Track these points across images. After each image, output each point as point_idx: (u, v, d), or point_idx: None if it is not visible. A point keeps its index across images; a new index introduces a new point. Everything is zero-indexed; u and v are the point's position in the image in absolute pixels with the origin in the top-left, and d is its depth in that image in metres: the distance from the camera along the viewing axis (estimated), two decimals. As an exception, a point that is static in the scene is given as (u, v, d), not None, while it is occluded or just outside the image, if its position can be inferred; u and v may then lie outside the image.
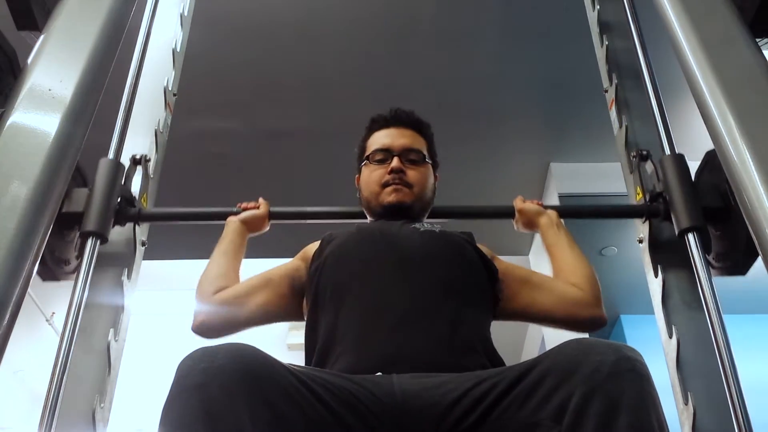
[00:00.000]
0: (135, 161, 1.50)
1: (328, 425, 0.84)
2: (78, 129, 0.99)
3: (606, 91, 1.73)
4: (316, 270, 1.22)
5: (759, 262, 0.86)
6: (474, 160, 3.28)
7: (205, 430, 0.74)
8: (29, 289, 0.84)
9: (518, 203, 1.47)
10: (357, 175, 1.45)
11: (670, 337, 1.29)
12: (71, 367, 1.10)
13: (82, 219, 1.29)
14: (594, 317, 1.24)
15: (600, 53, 1.79)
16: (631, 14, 1.63)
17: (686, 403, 1.20)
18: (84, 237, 1.27)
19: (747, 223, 0.88)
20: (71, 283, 1.22)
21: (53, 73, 1.02)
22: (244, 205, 1.46)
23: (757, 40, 1.08)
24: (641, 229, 1.46)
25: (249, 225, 1.42)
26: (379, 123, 1.43)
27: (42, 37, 1.09)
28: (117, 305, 1.35)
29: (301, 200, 1.54)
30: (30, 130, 0.93)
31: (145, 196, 1.51)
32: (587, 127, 3.07)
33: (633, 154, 1.51)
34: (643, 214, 1.43)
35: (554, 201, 3.33)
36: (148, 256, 1.50)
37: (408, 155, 1.36)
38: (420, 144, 1.40)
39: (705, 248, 1.25)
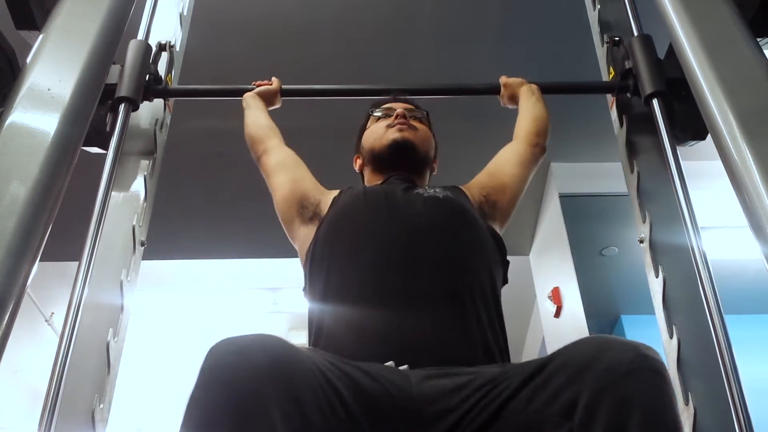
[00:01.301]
0: (161, 47, 1.64)
1: (347, 430, 0.83)
2: (77, 128, 0.99)
3: (606, 91, 1.73)
4: (317, 232, 1.23)
5: (759, 262, 0.86)
6: (474, 160, 3.27)
7: (235, 427, 0.71)
8: (29, 290, 0.84)
9: (503, 79, 1.65)
10: (356, 155, 1.48)
11: (671, 337, 1.29)
12: (71, 367, 1.10)
13: (115, 89, 1.43)
14: (535, 145, 1.50)
15: (600, 53, 1.79)
16: (632, 13, 1.63)
17: (687, 404, 1.20)
18: (117, 103, 1.42)
19: (747, 221, 0.89)
20: (71, 282, 1.21)
21: (52, 72, 1.02)
22: (258, 82, 1.64)
23: (758, 39, 1.08)
24: (642, 228, 1.46)
25: (263, 98, 1.61)
26: (380, 102, 1.51)
27: (41, 36, 1.09)
28: (116, 305, 1.34)
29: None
30: (29, 130, 0.93)
31: (170, 77, 1.66)
32: (587, 127, 3.07)
33: (606, 39, 1.66)
34: (614, 89, 1.58)
35: (555, 201, 3.33)
36: (148, 256, 1.50)
37: (411, 112, 1.44)
38: (421, 110, 1.49)
39: (669, 117, 1.37)
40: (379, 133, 1.39)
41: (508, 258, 1.30)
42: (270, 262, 3.87)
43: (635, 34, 1.55)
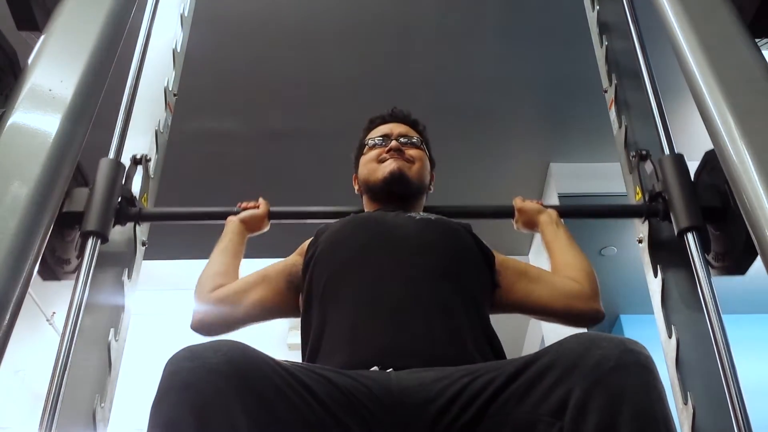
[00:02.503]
0: (135, 161, 1.50)
1: (324, 424, 0.83)
2: (78, 129, 0.99)
3: (605, 92, 1.73)
4: (310, 260, 1.22)
5: (758, 261, 0.87)
6: (474, 160, 3.28)
7: (196, 429, 0.72)
8: (30, 289, 0.84)
9: (518, 202, 1.48)
10: (354, 174, 1.46)
11: (670, 337, 1.29)
12: (72, 367, 1.10)
13: (82, 219, 1.28)
14: (592, 310, 1.24)
15: (599, 53, 1.79)
16: (631, 14, 1.63)
17: (686, 403, 1.20)
18: (85, 236, 1.27)
19: (746, 222, 0.89)
20: (72, 282, 1.22)
21: (54, 73, 1.02)
22: (244, 204, 1.46)
23: (757, 40, 1.08)
24: (641, 229, 1.46)
25: (249, 224, 1.43)
26: (376, 121, 1.47)
27: (42, 37, 1.09)
28: (117, 305, 1.35)
29: (301, 200, 1.54)
30: (30, 131, 0.93)
31: (145, 196, 1.51)
32: (587, 127, 3.08)
33: (633, 154, 1.51)
34: (642, 214, 1.43)
35: (554, 201, 3.33)
36: (148, 256, 1.50)
37: (405, 141, 1.40)
38: (417, 135, 1.44)
39: (704, 248, 1.26)
40: (372, 165, 1.37)
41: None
42: (270, 262, 3.87)
43: (665, 151, 1.40)
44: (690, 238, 1.26)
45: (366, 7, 2.70)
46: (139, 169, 1.50)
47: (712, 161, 1.32)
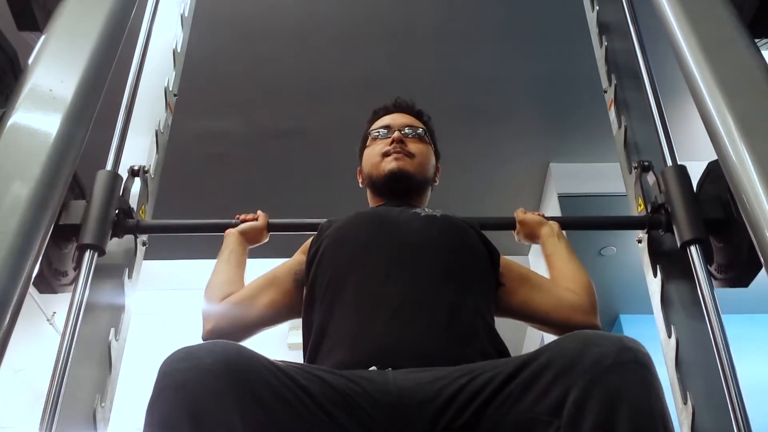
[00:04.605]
0: (133, 173, 1.48)
1: (322, 424, 0.83)
2: (79, 129, 1.00)
3: (605, 92, 1.73)
4: (314, 257, 1.22)
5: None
6: (474, 160, 3.28)
7: (191, 430, 0.72)
8: (30, 289, 0.84)
9: (519, 215, 1.46)
10: (358, 168, 1.46)
11: (669, 336, 1.29)
12: (72, 367, 1.10)
13: (79, 231, 1.27)
14: (589, 324, 1.23)
15: (599, 54, 1.79)
16: (630, 15, 1.63)
17: (685, 403, 1.20)
18: (81, 249, 1.26)
19: (749, 229, 0.89)
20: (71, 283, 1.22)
21: (54, 73, 1.02)
22: (242, 216, 1.45)
23: (756, 40, 1.09)
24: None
25: (248, 236, 1.42)
26: (380, 112, 1.47)
27: (43, 37, 1.09)
28: (118, 305, 1.35)
29: (301, 200, 1.55)
30: (31, 131, 0.94)
31: (143, 207, 1.50)
32: (587, 127, 3.08)
33: (635, 164, 1.51)
34: (644, 226, 1.42)
35: (554, 201, 3.34)
36: (148, 256, 1.51)
37: (409, 131, 1.39)
38: (420, 125, 1.43)
39: (707, 260, 1.25)
40: (376, 159, 1.37)
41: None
42: (270, 262, 3.87)
43: (668, 162, 1.39)
44: (693, 250, 1.25)
45: (366, 7, 2.70)
46: (137, 180, 1.48)
47: (715, 171, 1.31)
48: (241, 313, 1.22)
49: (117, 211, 1.35)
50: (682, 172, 1.36)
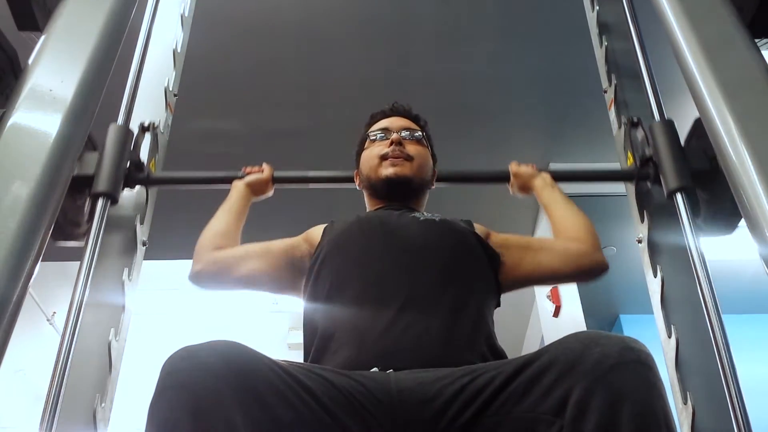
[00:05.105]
0: (143, 128, 1.53)
1: (323, 424, 0.83)
2: (79, 129, 1.00)
3: (605, 92, 1.73)
4: (316, 260, 1.23)
5: (757, 263, 0.87)
6: (474, 160, 3.28)
7: (193, 429, 0.73)
8: (30, 289, 0.84)
9: (513, 167, 1.53)
10: (356, 171, 1.47)
11: (669, 336, 1.30)
12: (72, 367, 1.10)
13: (92, 182, 1.32)
14: (598, 264, 1.31)
15: (599, 54, 1.79)
16: (630, 15, 1.63)
17: (685, 403, 1.21)
18: (95, 198, 1.31)
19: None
20: (72, 283, 1.22)
21: (54, 73, 1.02)
22: (248, 169, 1.51)
23: (756, 40, 1.09)
24: (640, 229, 1.47)
25: (253, 188, 1.47)
26: (377, 116, 1.48)
27: (43, 37, 1.09)
28: (118, 305, 1.35)
29: (300, 200, 1.54)
30: (31, 131, 0.94)
31: (153, 161, 1.55)
32: (587, 127, 3.08)
33: (624, 120, 1.56)
34: (633, 177, 1.47)
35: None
36: (148, 256, 1.51)
37: (407, 134, 1.41)
38: (418, 129, 1.45)
39: (693, 210, 1.29)
40: (374, 162, 1.38)
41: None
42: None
43: (656, 117, 1.44)
44: (679, 198, 1.29)
45: (366, 7, 2.70)
46: (147, 136, 1.53)
47: (701, 128, 1.34)
48: (228, 268, 1.26)
49: (128, 164, 1.41)
50: (669, 126, 1.41)
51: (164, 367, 0.79)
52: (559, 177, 1.54)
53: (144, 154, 1.50)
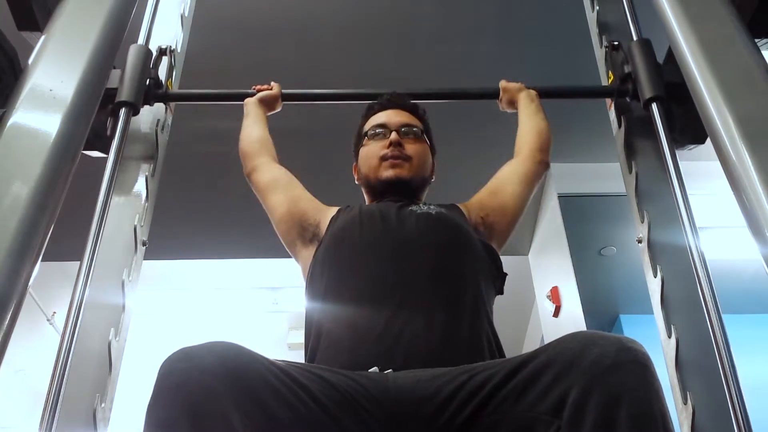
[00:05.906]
0: (161, 51, 1.64)
1: (321, 423, 0.83)
2: (79, 129, 0.99)
3: (605, 91, 1.73)
4: (315, 255, 1.24)
5: (757, 263, 0.87)
6: (473, 160, 3.28)
7: (191, 429, 0.73)
8: (30, 289, 0.84)
9: (503, 83, 1.65)
10: (354, 164, 1.47)
11: (669, 336, 1.29)
12: (72, 367, 1.10)
13: (116, 94, 1.43)
14: (541, 163, 1.48)
15: (599, 54, 1.79)
16: (631, 14, 1.63)
17: (685, 403, 1.21)
18: (117, 107, 1.42)
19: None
20: (71, 283, 1.22)
21: (54, 73, 1.02)
22: (258, 87, 1.64)
23: (757, 40, 1.09)
24: (640, 229, 1.47)
25: (265, 103, 1.62)
26: (375, 108, 1.48)
27: (43, 37, 1.09)
28: (118, 304, 1.35)
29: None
30: (31, 131, 0.94)
31: (170, 81, 1.67)
32: (587, 127, 3.07)
33: (606, 44, 1.65)
34: (612, 94, 1.58)
35: (554, 201, 3.34)
36: (148, 256, 1.50)
37: (405, 131, 1.40)
38: (416, 123, 1.44)
39: (668, 121, 1.37)
40: (373, 162, 1.38)
41: (508, 257, 1.31)
42: (270, 262, 3.87)
43: (634, 38, 1.55)
44: (654, 108, 1.38)
45: (366, 7, 2.70)
46: (164, 60, 1.65)
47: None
48: (254, 169, 1.51)
49: (148, 81, 1.52)
50: (646, 44, 1.52)
51: (161, 368, 0.79)
52: (543, 93, 1.66)
53: (162, 75, 1.62)
